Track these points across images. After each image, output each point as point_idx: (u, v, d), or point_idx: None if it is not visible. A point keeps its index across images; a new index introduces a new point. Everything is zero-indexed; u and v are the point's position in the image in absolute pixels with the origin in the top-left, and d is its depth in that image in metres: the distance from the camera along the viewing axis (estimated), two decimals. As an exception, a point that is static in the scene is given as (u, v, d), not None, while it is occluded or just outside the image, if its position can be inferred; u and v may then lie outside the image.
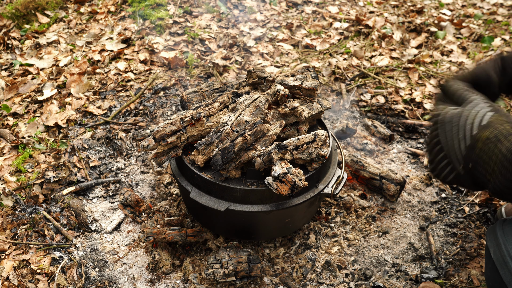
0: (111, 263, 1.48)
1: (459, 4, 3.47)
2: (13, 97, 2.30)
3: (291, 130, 1.39)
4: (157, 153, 1.27)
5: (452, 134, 0.77)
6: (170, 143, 1.26)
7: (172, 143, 1.27)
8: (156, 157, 1.28)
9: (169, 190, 1.72)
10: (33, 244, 1.53)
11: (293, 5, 3.32)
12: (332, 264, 1.46)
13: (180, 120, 1.28)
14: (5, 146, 1.96)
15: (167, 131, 1.25)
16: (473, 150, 0.74)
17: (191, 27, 2.87)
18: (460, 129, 0.77)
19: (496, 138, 0.72)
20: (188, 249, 1.53)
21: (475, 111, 0.78)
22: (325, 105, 1.46)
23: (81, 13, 3.09)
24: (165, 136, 1.25)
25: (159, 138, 1.25)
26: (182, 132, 1.28)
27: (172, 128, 1.26)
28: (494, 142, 0.71)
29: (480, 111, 0.77)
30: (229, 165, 1.22)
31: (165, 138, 1.25)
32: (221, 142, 1.24)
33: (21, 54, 2.65)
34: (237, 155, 1.22)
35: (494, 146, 0.71)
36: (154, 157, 1.28)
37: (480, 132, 0.74)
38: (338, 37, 2.88)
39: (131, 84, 2.38)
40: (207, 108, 1.36)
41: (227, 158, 1.20)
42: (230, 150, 1.20)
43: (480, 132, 0.74)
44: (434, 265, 1.48)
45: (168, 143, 1.26)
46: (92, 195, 1.75)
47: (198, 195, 1.29)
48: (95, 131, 2.06)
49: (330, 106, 1.48)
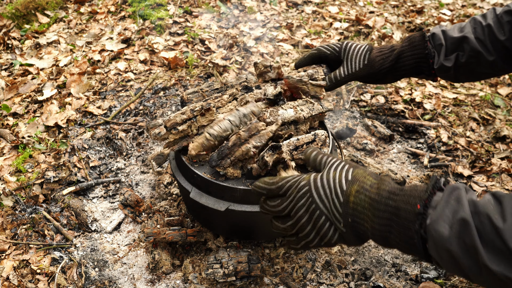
0: (111, 263, 1.48)
1: (459, 4, 3.47)
2: (13, 97, 2.30)
3: (289, 129, 1.38)
4: (169, 142, 1.31)
5: (327, 196, 0.84)
6: (181, 131, 1.30)
7: (183, 132, 1.31)
8: (168, 146, 1.32)
9: (169, 190, 1.72)
10: (33, 244, 1.53)
11: (293, 5, 3.32)
12: (332, 264, 1.46)
13: (191, 110, 1.32)
14: (5, 146, 1.96)
15: (178, 120, 1.29)
16: (348, 204, 0.81)
17: (191, 27, 2.87)
18: (332, 190, 0.84)
19: (363, 189, 0.81)
20: (188, 249, 1.53)
21: (339, 170, 0.87)
22: (326, 107, 1.44)
23: (81, 13, 3.09)
24: (176, 125, 1.29)
25: (170, 126, 1.29)
26: (193, 121, 1.32)
27: (183, 117, 1.30)
28: (363, 193, 0.80)
29: (343, 169, 0.87)
30: (225, 161, 1.23)
31: (176, 126, 1.29)
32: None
33: (21, 54, 2.65)
34: (231, 150, 1.24)
35: (364, 196, 0.80)
36: (166, 146, 1.31)
37: (349, 187, 0.82)
38: (338, 37, 2.88)
39: (131, 84, 2.39)
40: (216, 100, 1.40)
41: (221, 154, 1.22)
42: (224, 146, 1.24)
43: (349, 187, 0.83)
44: (434, 265, 1.48)
45: (179, 131, 1.29)
46: (92, 195, 1.75)
47: (198, 195, 1.29)
48: (95, 131, 2.06)
49: (332, 108, 1.44)
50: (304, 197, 0.87)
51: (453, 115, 2.23)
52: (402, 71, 1.31)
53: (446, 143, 2.05)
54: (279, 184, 0.91)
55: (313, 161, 0.96)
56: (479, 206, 0.68)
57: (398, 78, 1.35)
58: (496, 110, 2.27)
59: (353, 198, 0.81)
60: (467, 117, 2.22)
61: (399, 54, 1.29)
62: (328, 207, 0.84)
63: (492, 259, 0.64)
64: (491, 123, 2.17)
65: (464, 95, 2.37)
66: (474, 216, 0.67)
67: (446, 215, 0.70)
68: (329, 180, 0.85)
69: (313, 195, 0.85)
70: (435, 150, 2.03)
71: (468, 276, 0.71)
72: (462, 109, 2.26)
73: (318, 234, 0.87)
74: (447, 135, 2.09)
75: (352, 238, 0.84)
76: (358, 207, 0.80)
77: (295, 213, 0.88)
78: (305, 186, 0.88)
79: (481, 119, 2.20)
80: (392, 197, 0.77)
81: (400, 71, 1.31)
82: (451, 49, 1.22)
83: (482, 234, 0.66)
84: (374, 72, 1.32)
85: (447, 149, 2.02)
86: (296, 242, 0.91)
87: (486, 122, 2.19)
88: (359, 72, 1.34)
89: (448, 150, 2.02)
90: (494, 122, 2.17)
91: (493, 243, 0.65)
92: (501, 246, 0.64)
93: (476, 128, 2.15)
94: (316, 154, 0.97)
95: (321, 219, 0.85)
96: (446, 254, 0.70)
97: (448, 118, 2.21)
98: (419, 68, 1.28)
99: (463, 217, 0.68)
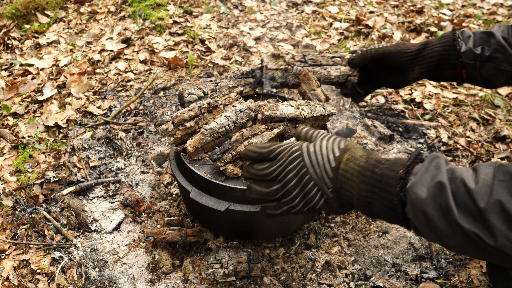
0: (111, 263, 1.48)
1: (459, 4, 3.47)
2: (13, 97, 2.30)
3: (287, 126, 1.38)
4: (176, 138, 1.32)
5: (318, 162, 0.88)
6: (189, 127, 1.31)
7: (190, 128, 1.32)
8: (175, 142, 1.33)
9: (169, 190, 1.72)
10: (33, 244, 1.53)
11: (293, 5, 3.32)
12: (332, 264, 1.46)
13: (198, 107, 1.33)
14: (5, 146, 1.96)
15: (185, 117, 1.30)
16: (338, 170, 0.86)
17: (191, 27, 2.87)
18: (323, 156, 0.88)
19: (354, 158, 0.87)
20: (188, 249, 1.53)
21: (331, 140, 0.92)
22: (329, 110, 1.40)
23: (81, 13, 3.09)
24: (183, 121, 1.30)
25: (178, 122, 1.30)
26: (200, 117, 1.33)
27: (191, 114, 1.31)
28: (353, 161, 0.86)
29: (335, 139, 0.92)
30: (226, 156, 1.25)
31: (184, 123, 1.30)
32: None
33: (21, 54, 2.65)
34: (233, 145, 1.26)
35: (354, 164, 0.85)
36: (173, 142, 1.32)
37: (341, 155, 0.88)
38: (338, 37, 2.88)
39: (131, 84, 2.39)
40: (223, 98, 1.41)
41: (223, 148, 1.25)
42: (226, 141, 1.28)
43: (341, 154, 0.88)
44: (434, 265, 1.48)
45: (187, 128, 1.30)
46: (92, 195, 1.75)
47: (198, 195, 1.29)
48: (95, 131, 2.06)
49: (335, 111, 1.41)
50: (295, 161, 0.90)
51: (453, 115, 2.23)
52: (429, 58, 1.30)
53: (446, 143, 2.05)
54: (271, 148, 0.94)
55: (304, 135, 0.99)
56: (456, 172, 0.75)
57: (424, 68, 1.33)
58: (496, 110, 2.27)
59: (343, 165, 0.86)
60: (467, 117, 2.22)
61: (427, 42, 1.32)
62: (318, 172, 0.87)
63: (464, 218, 0.70)
64: (491, 123, 2.17)
65: (464, 95, 2.37)
66: (451, 181, 0.73)
67: (425, 179, 0.75)
68: (322, 147, 0.89)
69: (305, 160, 0.89)
70: (435, 150, 2.03)
71: (441, 240, 0.75)
72: (462, 109, 2.26)
73: (303, 199, 0.90)
74: (447, 135, 2.09)
75: (336, 205, 0.89)
76: (347, 174, 0.85)
77: (283, 176, 0.90)
78: (297, 150, 0.91)
79: (481, 119, 2.20)
80: (378, 165, 0.83)
81: (426, 58, 1.30)
82: (478, 42, 1.26)
83: (456, 197, 0.71)
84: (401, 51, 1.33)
85: (447, 149, 2.02)
86: (277, 207, 0.93)
87: (486, 122, 2.18)
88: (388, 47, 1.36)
89: (448, 150, 2.02)
90: (494, 122, 2.17)
91: (465, 203, 0.70)
92: (471, 206, 0.70)
93: (476, 128, 2.15)
94: (308, 129, 1.00)
95: (310, 183, 0.88)
96: (423, 216, 0.74)
97: (448, 118, 2.21)
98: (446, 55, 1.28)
99: (440, 181, 0.73)
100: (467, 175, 0.73)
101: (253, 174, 0.95)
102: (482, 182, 0.71)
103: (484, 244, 0.69)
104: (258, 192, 0.94)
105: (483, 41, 1.26)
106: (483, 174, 0.72)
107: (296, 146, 0.92)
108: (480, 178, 0.72)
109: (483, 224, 0.68)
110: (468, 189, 0.71)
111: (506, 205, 0.66)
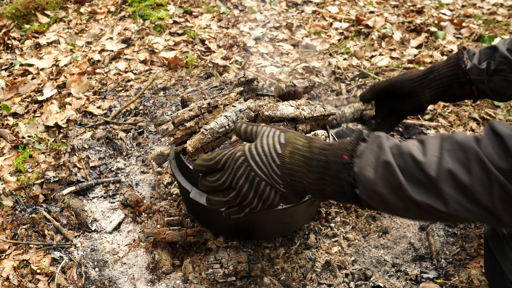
0: (111, 263, 1.48)
1: (459, 4, 3.47)
2: (13, 97, 2.30)
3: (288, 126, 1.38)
4: (176, 138, 1.32)
5: (263, 162, 0.89)
6: (189, 127, 1.31)
7: (190, 128, 1.32)
8: (175, 142, 1.33)
9: (169, 190, 1.72)
10: (33, 244, 1.53)
11: (293, 5, 3.32)
12: (332, 264, 1.46)
13: (198, 107, 1.34)
14: (5, 146, 1.96)
15: (185, 117, 1.30)
16: (284, 166, 0.88)
17: (191, 27, 2.87)
18: (267, 156, 0.89)
19: (296, 149, 0.88)
20: (188, 249, 1.53)
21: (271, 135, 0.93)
22: (329, 110, 1.41)
23: (81, 13, 3.09)
24: (183, 121, 1.30)
25: (178, 122, 1.30)
26: (200, 117, 1.33)
27: (191, 114, 1.32)
28: (297, 153, 0.87)
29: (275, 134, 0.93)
30: None
31: (184, 123, 1.30)
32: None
33: (21, 54, 2.65)
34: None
35: (298, 155, 0.87)
36: (173, 142, 1.33)
37: (284, 150, 0.89)
38: (338, 37, 2.88)
39: (131, 84, 2.39)
40: (223, 98, 1.41)
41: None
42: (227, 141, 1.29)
43: (284, 149, 0.89)
44: (434, 265, 1.48)
45: (187, 128, 1.31)
46: (92, 195, 1.75)
47: (198, 195, 1.29)
48: (95, 131, 2.06)
49: (335, 111, 1.42)
50: (241, 167, 0.91)
51: (453, 115, 2.23)
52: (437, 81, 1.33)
53: (446, 143, 2.05)
54: (217, 159, 0.95)
55: (244, 134, 1.00)
56: (403, 147, 0.77)
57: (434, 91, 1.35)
58: (496, 110, 2.27)
59: (288, 159, 0.87)
60: (467, 117, 2.22)
61: (433, 67, 1.35)
62: (266, 172, 0.89)
63: (415, 190, 0.73)
64: (491, 123, 2.17)
65: (464, 95, 2.37)
66: (398, 157, 0.75)
67: (371, 160, 0.78)
68: (263, 146, 0.91)
69: (250, 164, 0.90)
70: (435, 150, 2.03)
71: (396, 212, 0.79)
72: (462, 109, 2.27)
73: (260, 199, 0.92)
74: (447, 135, 2.08)
75: (292, 196, 0.91)
76: (294, 166, 0.87)
77: (235, 183, 0.92)
78: (241, 156, 0.92)
79: (481, 119, 2.20)
80: (322, 153, 0.85)
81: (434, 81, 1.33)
82: (483, 58, 1.28)
83: (405, 171, 0.74)
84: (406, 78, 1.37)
85: (447, 149, 2.02)
86: (240, 210, 0.96)
87: (486, 122, 2.19)
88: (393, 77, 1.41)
89: (448, 150, 2.02)
90: (494, 122, 2.17)
91: (415, 176, 0.73)
92: (422, 178, 0.72)
93: (476, 128, 2.15)
94: (246, 126, 1.00)
95: (261, 184, 0.90)
96: (375, 196, 0.77)
97: (448, 118, 2.21)
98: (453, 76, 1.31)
99: (385, 160, 0.76)
100: (414, 148, 0.76)
101: (208, 186, 0.97)
102: (430, 153, 0.73)
103: (437, 212, 0.72)
104: (218, 203, 0.97)
105: (488, 56, 1.28)
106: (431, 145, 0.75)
107: (239, 152, 0.92)
108: (428, 149, 0.74)
109: (434, 193, 0.71)
110: (417, 161, 0.73)
111: (456, 173, 0.70)
